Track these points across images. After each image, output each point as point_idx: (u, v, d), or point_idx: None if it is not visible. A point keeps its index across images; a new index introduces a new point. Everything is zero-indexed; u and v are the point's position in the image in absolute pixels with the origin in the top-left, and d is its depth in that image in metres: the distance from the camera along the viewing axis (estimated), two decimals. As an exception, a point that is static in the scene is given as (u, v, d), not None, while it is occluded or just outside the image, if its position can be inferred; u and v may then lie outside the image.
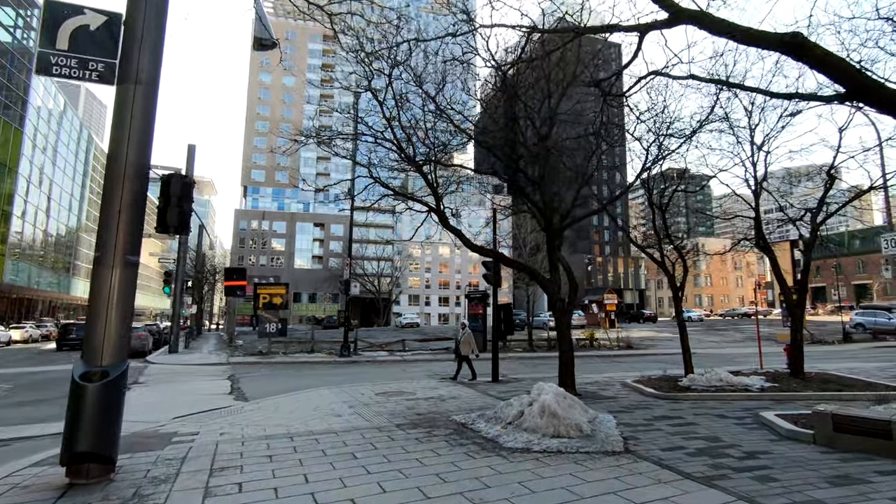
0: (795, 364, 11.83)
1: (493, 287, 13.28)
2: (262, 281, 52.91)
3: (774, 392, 9.92)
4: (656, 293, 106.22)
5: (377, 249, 76.48)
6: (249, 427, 7.68)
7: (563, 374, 10.22)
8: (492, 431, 6.87)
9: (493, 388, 11.70)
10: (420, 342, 29.41)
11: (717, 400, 9.47)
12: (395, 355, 22.22)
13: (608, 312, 43.33)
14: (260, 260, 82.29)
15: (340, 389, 11.51)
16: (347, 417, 8.25)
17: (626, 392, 10.76)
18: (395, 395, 10.59)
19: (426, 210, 11.69)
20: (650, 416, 7.95)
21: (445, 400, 10.04)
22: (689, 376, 10.79)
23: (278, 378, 15.17)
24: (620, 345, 26.03)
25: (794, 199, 13.49)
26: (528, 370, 16.80)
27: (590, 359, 21.31)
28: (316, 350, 23.33)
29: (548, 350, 24.33)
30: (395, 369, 17.64)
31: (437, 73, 10.30)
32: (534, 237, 25.29)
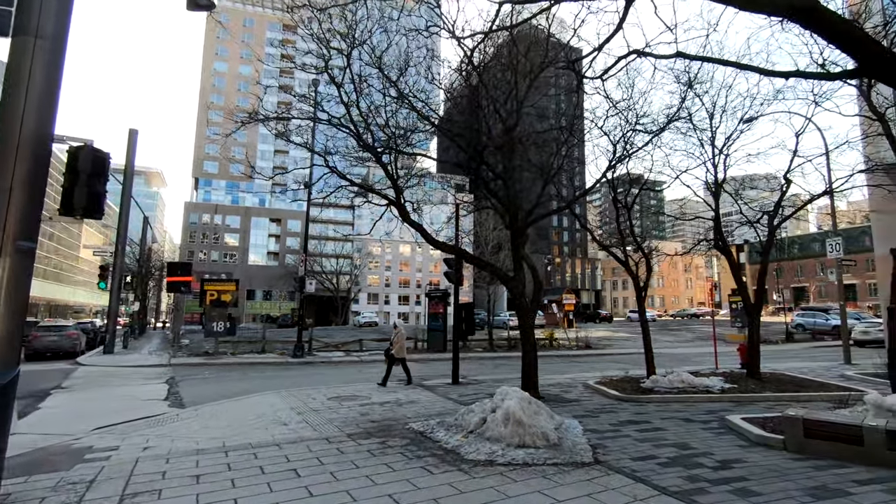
0: (752, 365, 11.93)
1: (454, 285, 12.78)
2: (214, 277, 50.44)
3: (734, 393, 9.87)
4: (611, 294, 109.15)
5: (336, 246, 74.61)
6: (180, 440, 6.82)
7: (527, 376, 9.82)
8: (452, 441, 6.32)
9: (453, 391, 11.18)
10: (378, 342, 28.55)
11: (680, 402, 9.31)
12: (352, 356, 21.37)
13: (566, 312, 43.85)
14: (212, 255, 78.75)
15: (290, 394, 10.69)
16: (294, 426, 7.51)
17: (590, 394, 10.49)
18: (349, 400, 9.89)
19: (385, 203, 11.07)
20: (616, 421, 7.63)
21: (402, 405, 9.43)
22: (652, 378, 10.64)
23: (223, 381, 14.10)
24: (579, 344, 26.16)
25: (751, 203, 13.68)
26: (489, 371, 16.41)
27: (550, 359, 21.19)
28: (267, 350, 22.14)
29: (508, 350, 24.12)
30: (351, 371, 16.85)
31: (400, 56, 9.66)
32: (496, 235, 25.01)
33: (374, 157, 10.14)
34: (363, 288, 77.84)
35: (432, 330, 23.53)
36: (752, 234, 13.18)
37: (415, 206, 12.18)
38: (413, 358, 20.60)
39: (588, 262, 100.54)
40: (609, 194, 12.75)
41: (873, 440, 5.34)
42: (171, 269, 21.91)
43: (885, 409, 5.96)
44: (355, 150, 11.27)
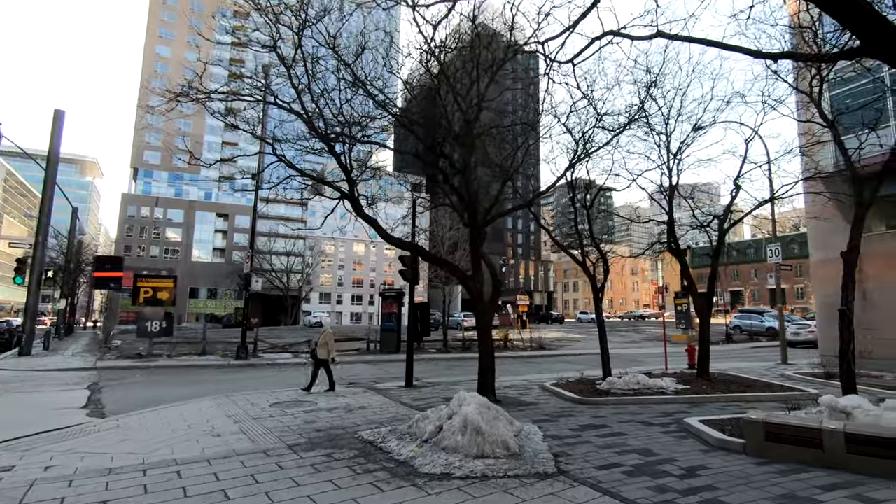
0: (702, 366, 12.12)
1: (409, 284, 12.26)
2: (153, 274, 47.39)
3: (687, 394, 9.91)
4: (563, 295, 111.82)
5: (287, 244, 72.10)
6: (92, 456, 5.94)
7: (484, 378, 9.46)
8: (405, 452, 5.82)
9: (406, 395, 10.65)
10: (329, 343, 27.60)
11: (636, 404, 9.21)
12: (301, 357, 20.35)
13: (520, 313, 44.23)
14: (151, 251, 74.18)
15: (228, 400, 9.81)
16: (229, 438, 6.75)
17: (547, 396, 10.25)
18: (294, 406, 9.16)
19: (338, 197, 10.42)
20: (576, 426, 7.36)
21: (352, 410, 8.82)
22: (608, 379, 10.54)
23: (154, 386, 12.92)
24: (533, 345, 26.23)
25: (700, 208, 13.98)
26: (443, 372, 15.98)
27: (505, 360, 21.02)
28: (208, 352, 20.73)
29: (462, 351, 23.80)
30: (299, 373, 15.94)
31: (356, 38, 9.05)
32: (452, 235, 24.66)
33: (326, 145, 9.48)
34: (315, 287, 75.68)
35: (385, 330, 22.86)
36: (703, 238, 13.43)
37: (369, 201, 11.56)
38: (365, 359, 19.88)
39: (541, 265, 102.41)
40: (567, 194, 12.66)
41: (832, 443, 5.29)
42: (98, 264, 20.09)
43: (839, 410, 5.98)
44: (306, 137, 10.54)
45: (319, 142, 10.56)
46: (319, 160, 25.53)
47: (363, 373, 15.97)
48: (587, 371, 15.19)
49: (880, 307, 15.61)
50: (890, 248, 15.73)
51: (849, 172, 7.88)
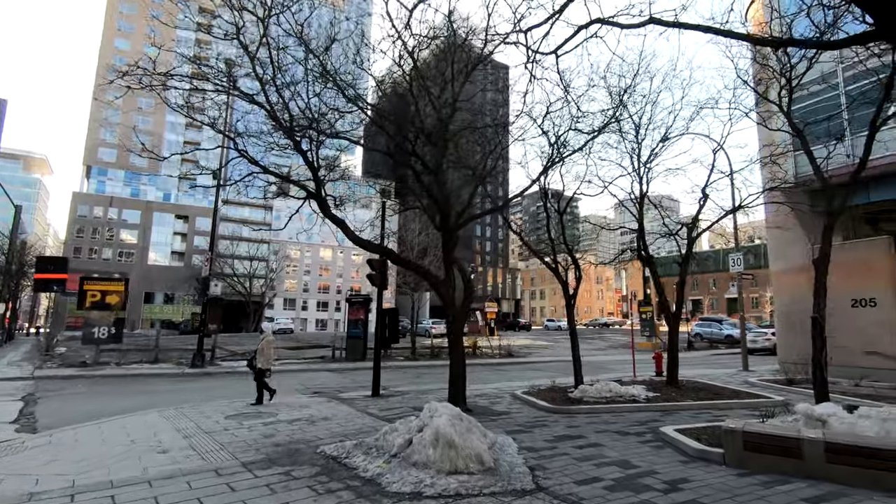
0: (671, 374, 12.12)
1: (377, 289, 11.80)
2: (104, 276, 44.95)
3: (659, 402, 9.82)
4: (530, 303, 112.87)
5: (250, 248, 69.98)
6: (12, 478, 5.24)
7: (455, 387, 9.09)
8: (372, 468, 5.38)
9: (373, 405, 10.16)
10: (292, 350, 26.65)
11: (610, 413, 9.04)
12: (262, 365, 19.48)
13: (488, 320, 44.12)
14: (104, 253, 70.50)
15: (179, 412, 9.09)
16: (176, 455, 6.14)
17: (519, 405, 9.97)
18: (252, 418, 8.54)
19: (304, 197, 9.92)
20: (551, 437, 7.08)
21: (315, 422, 8.28)
22: (581, 387, 10.35)
23: (98, 397, 11.95)
24: (502, 353, 26.08)
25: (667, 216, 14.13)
26: (411, 381, 15.51)
27: (474, 367, 20.71)
28: (162, 360, 19.57)
29: (431, 358, 23.38)
30: (259, 382, 15.16)
31: (326, 28, 8.62)
32: (422, 240, 24.26)
33: (291, 140, 8.97)
34: (279, 293, 73.63)
35: (351, 337, 22.20)
36: (664, 248, 13.53)
37: (337, 202, 11.07)
38: (330, 367, 19.18)
39: (509, 272, 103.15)
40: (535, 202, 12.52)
41: (813, 453, 5.18)
42: (40, 265, 18.69)
43: (815, 418, 5.91)
44: (271, 133, 9.98)
45: (285, 137, 10.05)
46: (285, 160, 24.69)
47: (328, 381, 15.34)
48: (558, 379, 15.03)
49: (834, 315, 16.11)
50: (842, 258, 16.26)
51: (818, 182, 7.96)
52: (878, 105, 7.08)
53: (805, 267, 17.39)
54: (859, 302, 15.57)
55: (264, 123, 10.03)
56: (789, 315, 18.14)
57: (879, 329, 14.88)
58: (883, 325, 14.82)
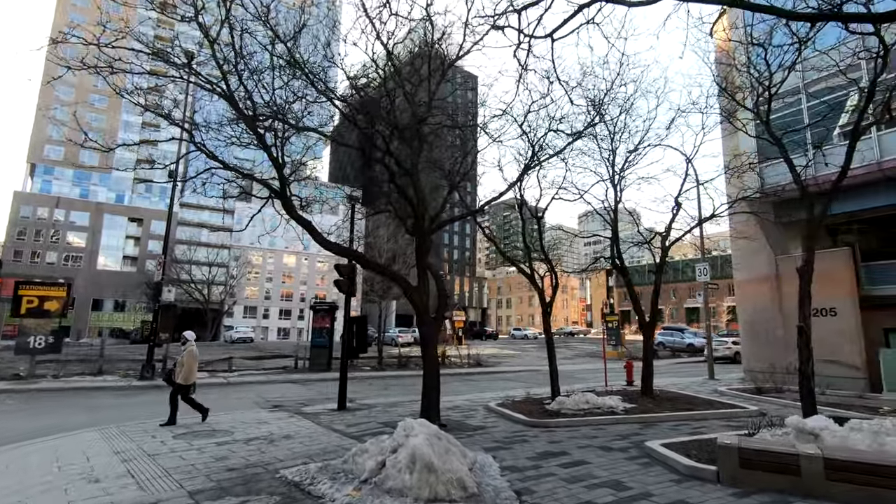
0: (646, 383, 11.95)
1: (345, 296, 11.13)
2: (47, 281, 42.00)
3: (637, 414, 9.55)
4: (496, 312, 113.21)
5: (210, 253, 67.18)
6: None
7: (428, 400, 8.54)
8: (340, 497, 4.77)
9: (339, 420, 9.47)
10: (252, 360, 25.37)
11: (589, 426, 8.69)
12: (218, 377, 18.31)
13: (456, 329, 43.67)
14: (48, 257, 66.15)
15: (122, 431, 8.17)
16: (111, 484, 5.33)
17: (494, 419, 9.50)
18: (204, 437, 7.73)
19: (267, 196, 9.23)
20: (534, 454, 6.63)
21: (275, 441, 7.54)
22: (558, 399, 9.98)
23: (27, 415, 10.74)
24: (471, 362, 25.59)
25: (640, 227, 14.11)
26: (379, 393, 14.82)
27: (444, 377, 20.04)
28: (107, 372, 18.10)
29: (398, 368, 22.68)
30: (215, 396, 14.14)
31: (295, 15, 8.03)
32: (391, 246, 23.62)
33: (254, 133, 8.29)
34: (239, 300, 70.97)
35: (316, 346, 21.26)
36: (628, 258, 13.47)
37: (303, 203, 10.40)
38: (292, 378, 18.21)
39: (475, 281, 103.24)
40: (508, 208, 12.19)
41: (811, 470, 4.92)
42: (-30, 268, 16.97)
43: (807, 432, 5.69)
44: (232, 124, 9.25)
45: (248, 132, 9.35)
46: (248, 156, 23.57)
47: (290, 394, 14.47)
48: (531, 389, 14.70)
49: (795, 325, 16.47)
50: (805, 269, 16.64)
51: (798, 190, 7.92)
52: (859, 113, 7.09)
53: (769, 277, 17.83)
54: (820, 312, 15.94)
55: (225, 114, 9.30)
56: (753, 324, 18.50)
57: (839, 338, 15.26)
58: (843, 334, 15.22)
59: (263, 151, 8.90)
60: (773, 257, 17.38)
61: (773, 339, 17.12)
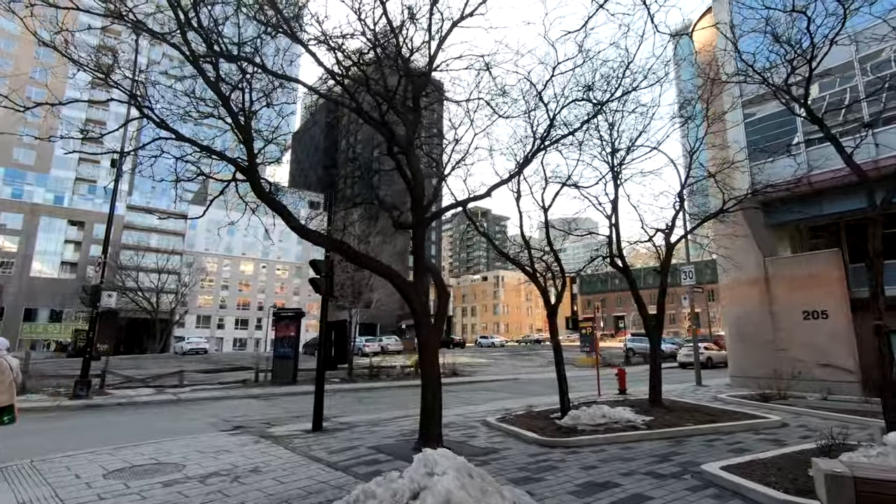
0: (656, 392, 10.96)
1: (322, 297, 9.58)
2: (-31, 290, 37.69)
3: (659, 428, 8.46)
4: (461, 320, 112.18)
5: (159, 259, 62.86)
6: None
7: (429, 418, 7.14)
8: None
9: (318, 444, 7.90)
10: (206, 373, 23.07)
11: (614, 444, 7.51)
12: (167, 393, 16.15)
13: (426, 337, 42.21)
14: (-29, 263, 60.10)
15: (34, 468, 6.33)
16: (1, 561, 3.66)
17: (501, 438, 8.18)
18: (144, 476, 6.03)
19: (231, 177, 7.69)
20: (574, 487, 5.35)
21: (241, 478, 5.93)
22: (572, 414, 8.75)
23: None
24: (446, 372, 24.17)
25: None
26: (354, 408, 13.23)
27: (418, 388, 18.73)
28: (31, 390, 15.58)
29: (369, 379, 21.01)
30: (164, 416, 12.16)
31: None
32: (362, 248, 21.97)
33: (217, 93, 6.74)
34: (192, 309, 66.74)
35: (280, 357, 19.34)
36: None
37: (273, 187, 8.83)
38: (253, 393, 16.26)
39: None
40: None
41: (954, 504, 3.86)
42: None
43: (913, 451, 4.69)
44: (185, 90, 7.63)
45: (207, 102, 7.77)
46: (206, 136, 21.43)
47: (252, 412, 12.67)
48: (525, 400, 13.59)
49: (787, 328, 16.06)
50: (793, 271, 16.32)
51: (857, 177, 7.04)
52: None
53: (758, 279, 17.42)
54: (811, 314, 15.59)
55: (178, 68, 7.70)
56: (741, 327, 18.05)
57: (832, 341, 14.87)
58: (836, 336, 14.83)
59: (227, 118, 7.36)
60: (761, 259, 16.97)
61: (761, 342, 16.65)
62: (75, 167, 65.98)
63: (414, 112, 7.67)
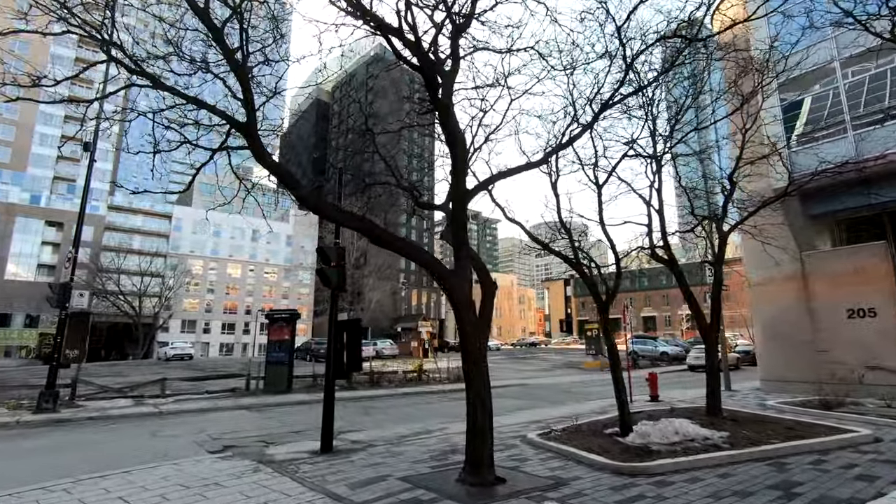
0: (715, 402, 9.54)
1: (332, 291, 8.02)
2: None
3: (745, 447, 7.01)
4: (453, 323, 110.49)
5: (143, 262, 60.37)
6: None
7: (479, 442, 5.61)
8: None
9: (333, 473, 6.30)
10: (192, 381, 21.23)
11: (704, 469, 6.05)
12: (147, 404, 14.38)
13: (423, 342, 40.56)
14: (-59, 265, 57.13)
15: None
16: None
17: (558, 462, 6.66)
18: (107, 529, 4.41)
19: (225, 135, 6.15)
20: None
21: (239, 530, 4.35)
22: (640, 430, 7.28)
23: None
24: (450, 377, 22.63)
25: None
26: (360, 420, 11.65)
27: (428, 396, 17.20)
28: (-9, 402, 13.75)
29: (371, 386, 19.43)
30: (141, 433, 10.45)
31: None
32: (361, 245, 20.38)
33: (207, 25, 5.19)
34: (176, 313, 64.28)
35: (273, 363, 17.64)
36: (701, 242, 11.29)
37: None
38: (244, 403, 14.51)
39: (433, 292, 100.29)
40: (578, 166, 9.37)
41: None
42: None
43: None
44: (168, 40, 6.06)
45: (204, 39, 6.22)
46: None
47: (244, 426, 11.05)
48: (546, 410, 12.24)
49: (829, 328, 14.82)
50: (834, 266, 15.11)
51: None
52: None
53: (794, 275, 16.17)
54: (856, 312, 14.35)
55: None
56: (775, 328, 16.79)
57: (882, 341, 13.61)
58: (886, 336, 13.57)
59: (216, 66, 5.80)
60: (798, 254, 15.72)
61: (797, 342, 15.39)
62: (53, 165, 63.38)
63: (453, 59, 6.18)
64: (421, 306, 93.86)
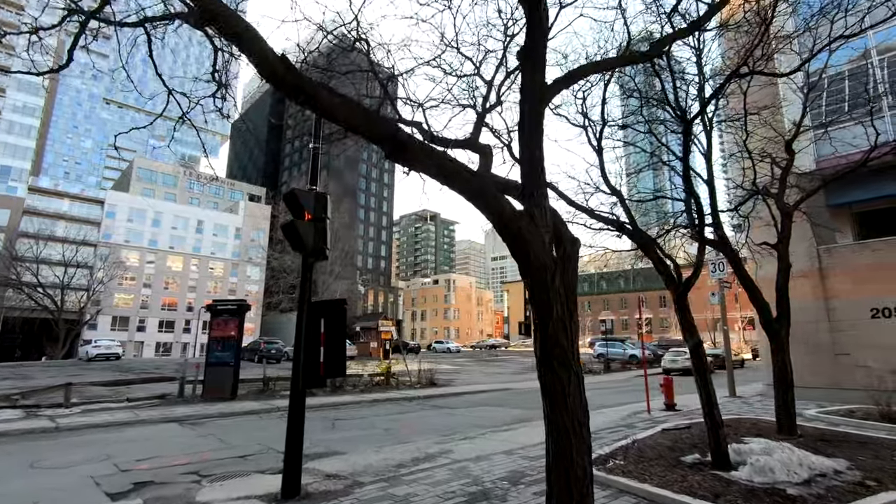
0: (788, 417, 7.64)
1: (305, 256, 5.47)
2: None
3: (883, 480, 5.07)
4: (411, 324, 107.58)
5: (67, 251, 53.98)
6: None
7: (567, 467, 3.26)
8: None
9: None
10: (112, 386, 17.67)
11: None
12: (42, 416, 11.08)
13: (383, 342, 37.66)
14: None
15: None
16: None
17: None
18: None
19: None
20: None
21: None
22: (756, 464, 5.11)
23: None
24: (422, 381, 20.18)
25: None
26: (328, 437, 9.04)
27: (400, 403, 14.63)
28: None
29: (332, 392, 16.59)
30: (16, 462, 7.37)
31: None
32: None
33: None
34: (106, 309, 58.05)
35: (214, 364, 14.56)
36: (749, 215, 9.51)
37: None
38: (176, 414, 11.37)
39: (390, 292, 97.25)
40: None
41: None
42: None
43: None
44: None
45: None
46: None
47: (170, 447, 8.19)
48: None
49: (851, 328, 13.55)
50: (856, 261, 13.87)
51: None
52: None
53: (810, 271, 14.86)
54: (882, 312, 13.11)
55: None
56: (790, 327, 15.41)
57: (911, 343, 12.47)
58: (914, 338, 12.44)
59: None
60: (814, 248, 14.42)
61: (819, 343, 14.05)
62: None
63: None
64: (378, 306, 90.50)
